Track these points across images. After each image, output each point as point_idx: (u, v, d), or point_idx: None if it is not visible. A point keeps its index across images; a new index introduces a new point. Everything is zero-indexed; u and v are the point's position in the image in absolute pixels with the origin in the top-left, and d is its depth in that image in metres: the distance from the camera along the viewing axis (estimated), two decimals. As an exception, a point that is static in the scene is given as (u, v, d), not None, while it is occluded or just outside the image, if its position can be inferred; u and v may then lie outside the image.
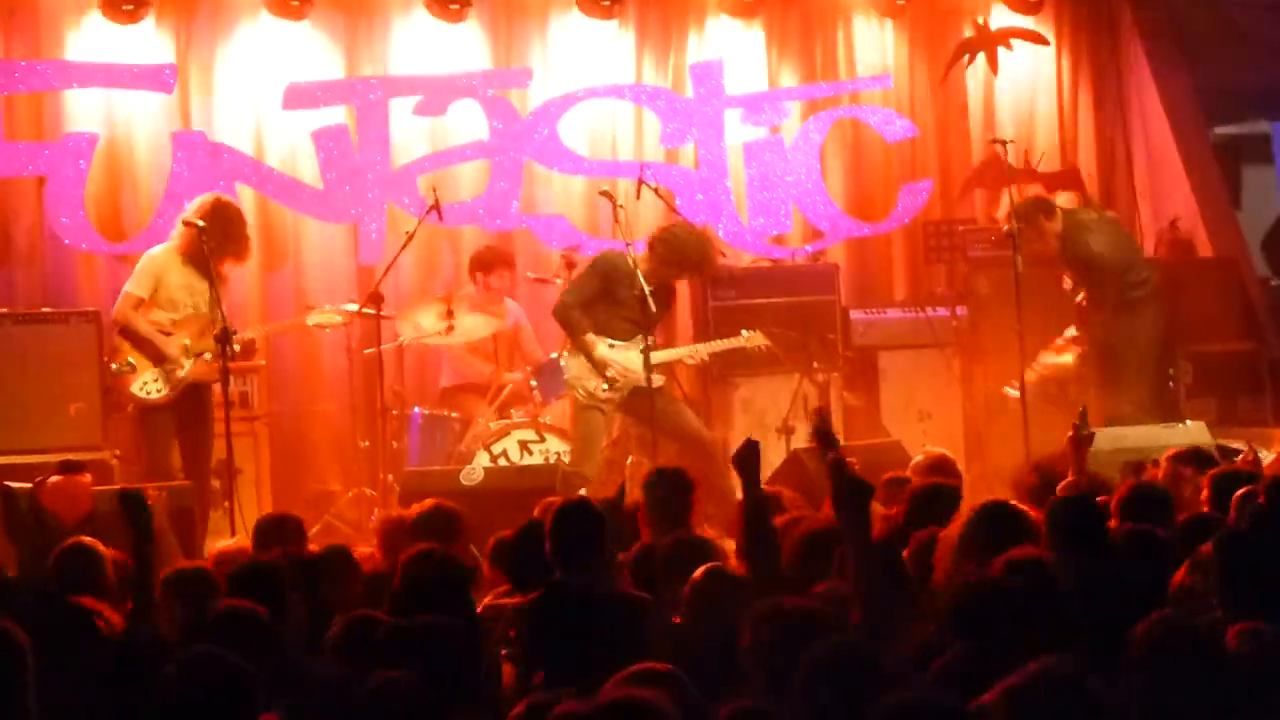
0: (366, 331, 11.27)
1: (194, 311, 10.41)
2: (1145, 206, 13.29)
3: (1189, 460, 8.21)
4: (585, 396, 10.66)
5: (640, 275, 10.28)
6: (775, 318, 11.60)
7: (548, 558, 6.30)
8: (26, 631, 5.02)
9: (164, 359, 10.37)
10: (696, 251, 10.79)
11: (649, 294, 10.24)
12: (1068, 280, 11.76)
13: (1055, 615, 5.43)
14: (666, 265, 10.71)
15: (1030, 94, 13.46)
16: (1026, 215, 11.35)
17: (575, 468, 10.44)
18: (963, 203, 13.26)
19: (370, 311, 11.02)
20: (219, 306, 10.12)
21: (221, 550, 7.76)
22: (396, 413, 11.39)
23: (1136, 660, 4.72)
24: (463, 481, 9.93)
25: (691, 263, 10.83)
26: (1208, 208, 12.94)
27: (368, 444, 11.42)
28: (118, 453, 10.92)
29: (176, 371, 10.37)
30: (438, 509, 7.65)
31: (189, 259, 10.42)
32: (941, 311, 12.33)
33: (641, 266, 10.45)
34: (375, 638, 5.42)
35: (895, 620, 5.71)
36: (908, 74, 13.31)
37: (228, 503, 10.24)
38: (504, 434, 11.00)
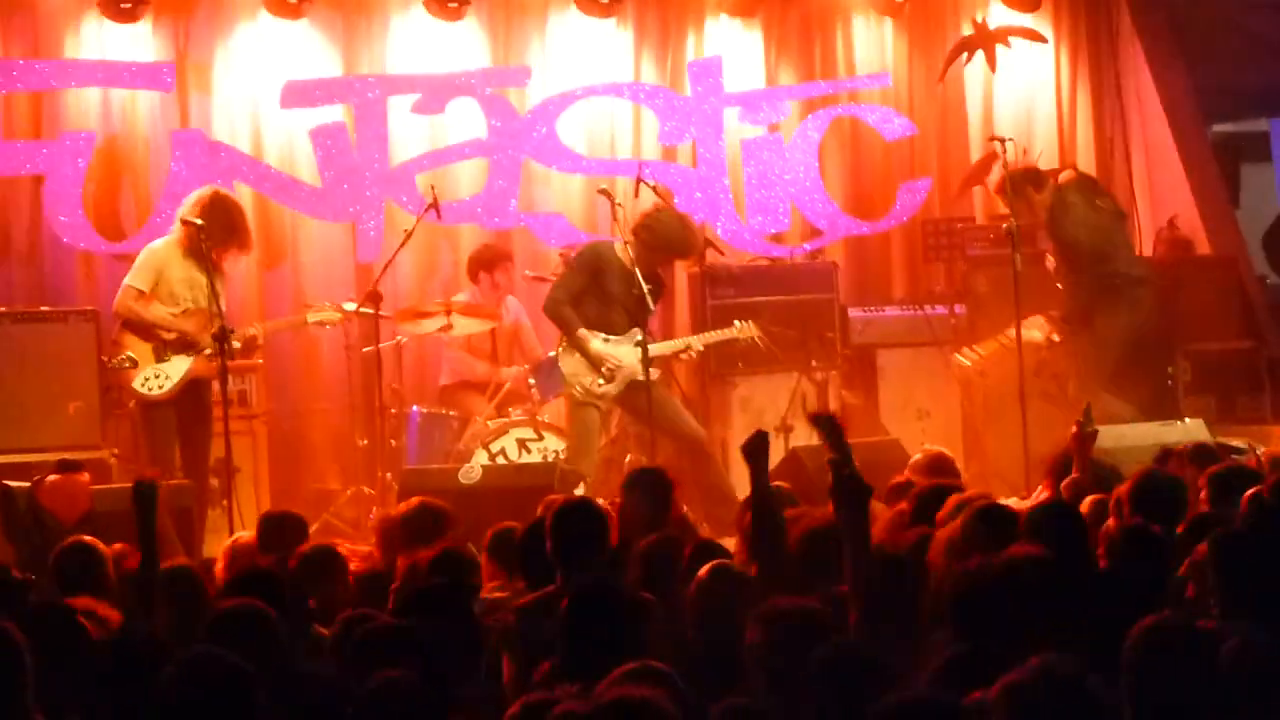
0: (365, 330, 11.27)
1: (194, 306, 10.40)
2: (1144, 204, 13.28)
3: (1194, 458, 8.20)
4: (582, 393, 10.64)
5: (638, 273, 10.26)
6: (774, 316, 11.61)
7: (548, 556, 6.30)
8: (24, 632, 5.02)
9: (167, 351, 10.35)
10: (678, 235, 10.68)
11: (646, 290, 10.21)
12: (1050, 259, 11.72)
13: (1055, 612, 5.42)
14: (651, 251, 10.62)
15: (1029, 92, 13.45)
16: (1016, 186, 11.34)
17: (572, 465, 10.43)
18: (961, 201, 13.25)
19: (369, 310, 11.02)
20: (217, 302, 10.11)
21: (237, 544, 7.72)
22: (395, 411, 11.38)
23: (1131, 660, 4.72)
24: (461, 480, 9.92)
25: (674, 247, 10.73)
26: (1206, 206, 12.93)
27: (366, 442, 11.41)
28: (116, 451, 10.92)
29: (179, 366, 10.35)
30: (424, 507, 7.64)
31: (189, 253, 10.40)
32: (940, 309, 12.34)
33: (636, 256, 10.41)
34: (375, 637, 5.41)
35: (895, 620, 5.71)
36: (906, 72, 13.30)
37: (226, 501, 10.24)
38: (502, 432, 10.99)
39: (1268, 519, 6.03)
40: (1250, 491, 6.93)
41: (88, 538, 7.14)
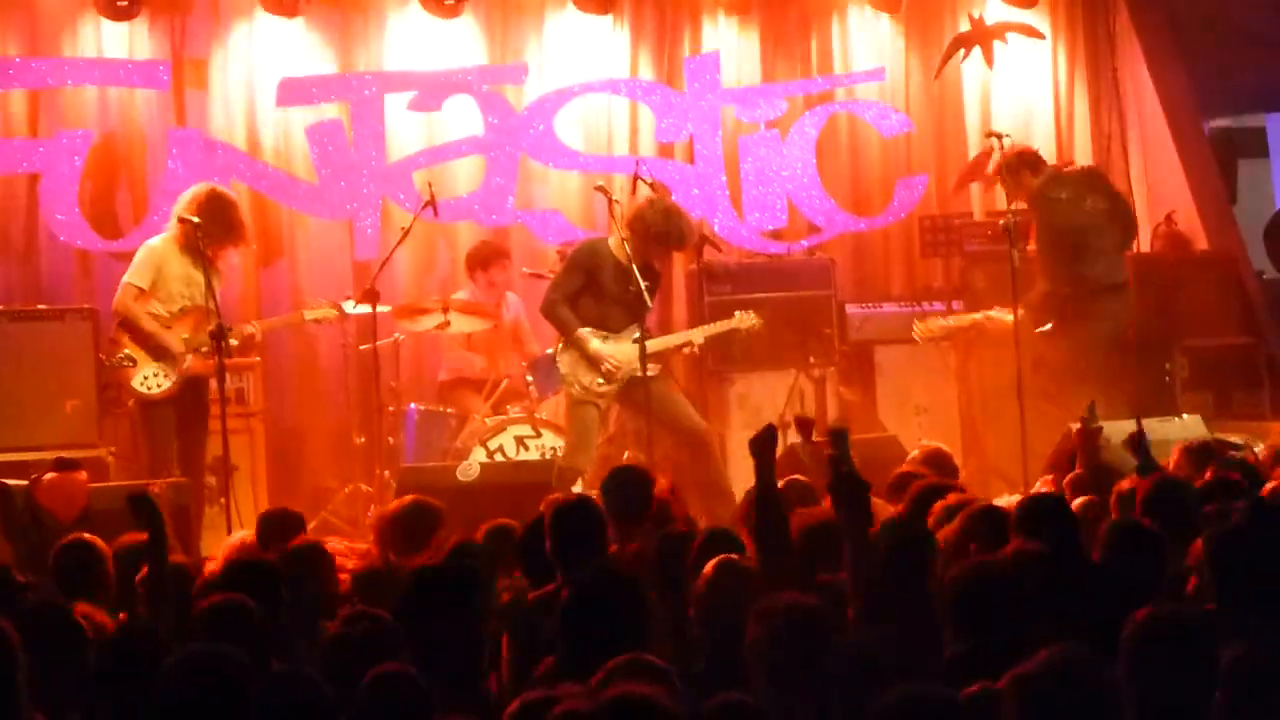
0: (362, 328, 11.26)
1: (191, 303, 10.38)
2: (1141, 200, 13.26)
3: (1197, 455, 8.18)
4: (581, 391, 10.59)
5: (635, 270, 10.22)
6: (771, 312, 11.56)
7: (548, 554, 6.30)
8: (22, 631, 5.01)
9: (165, 353, 10.34)
10: (671, 225, 10.56)
11: (645, 288, 10.19)
12: (1032, 244, 11.55)
13: (1052, 608, 5.42)
14: (645, 242, 10.53)
15: (1026, 88, 13.44)
16: (1013, 168, 11.28)
17: (570, 462, 10.41)
18: (958, 197, 13.25)
19: (366, 308, 11.01)
20: (213, 298, 10.10)
21: (234, 544, 7.70)
22: (393, 409, 11.38)
23: (1129, 651, 4.71)
24: (459, 477, 9.93)
25: (669, 237, 10.60)
26: (1204, 202, 12.93)
27: (364, 440, 11.41)
28: (113, 450, 10.92)
29: (178, 365, 10.35)
30: (416, 505, 7.63)
31: (186, 250, 10.39)
32: (938, 305, 12.32)
33: (629, 253, 10.36)
34: (375, 633, 5.40)
35: (894, 616, 5.71)
36: (903, 69, 13.30)
37: (224, 499, 10.23)
38: (500, 429, 10.98)
39: (1264, 517, 6.01)
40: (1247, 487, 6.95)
41: (87, 535, 7.13)
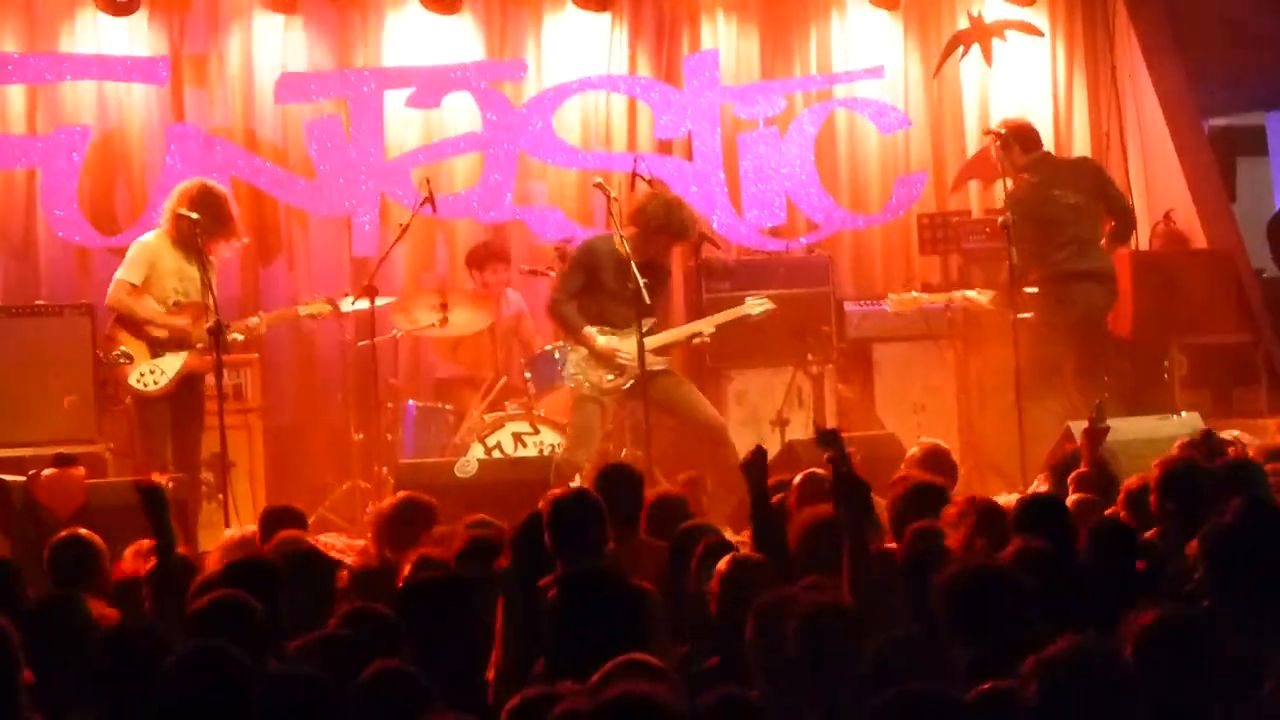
0: (360, 324, 11.25)
1: (185, 299, 10.38)
2: (1140, 198, 13.26)
3: (1198, 450, 8.16)
4: (591, 389, 10.58)
5: (634, 267, 10.20)
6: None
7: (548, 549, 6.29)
8: (21, 626, 5.01)
9: (161, 347, 10.33)
10: (673, 217, 10.54)
11: (642, 285, 10.16)
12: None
13: (1056, 607, 5.43)
14: (646, 236, 10.53)
15: (1025, 86, 13.43)
16: (1006, 141, 11.26)
17: (570, 456, 10.41)
18: (957, 194, 13.25)
19: (365, 303, 11.01)
20: (211, 294, 10.09)
21: (231, 539, 7.70)
22: (391, 405, 11.37)
23: (1136, 651, 4.72)
24: (457, 474, 9.94)
25: (670, 229, 10.58)
26: (1203, 199, 12.92)
27: (362, 436, 11.40)
28: (112, 446, 10.90)
29: (173, 360, 10.34)
30: (409, 501, 7.62)
31: (179, 245, 10.38)
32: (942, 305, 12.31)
33: (633, 249, 10.36)
34: (373, 630, 5.40)
35: (892, 614, 5.71)
36: (902, 66, 13.29)
37: (221, 495, 10.22)
38: (498, 426, 10.97)
39: (1258, 514, 6.02)
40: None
41: (83, 531, 7.13)
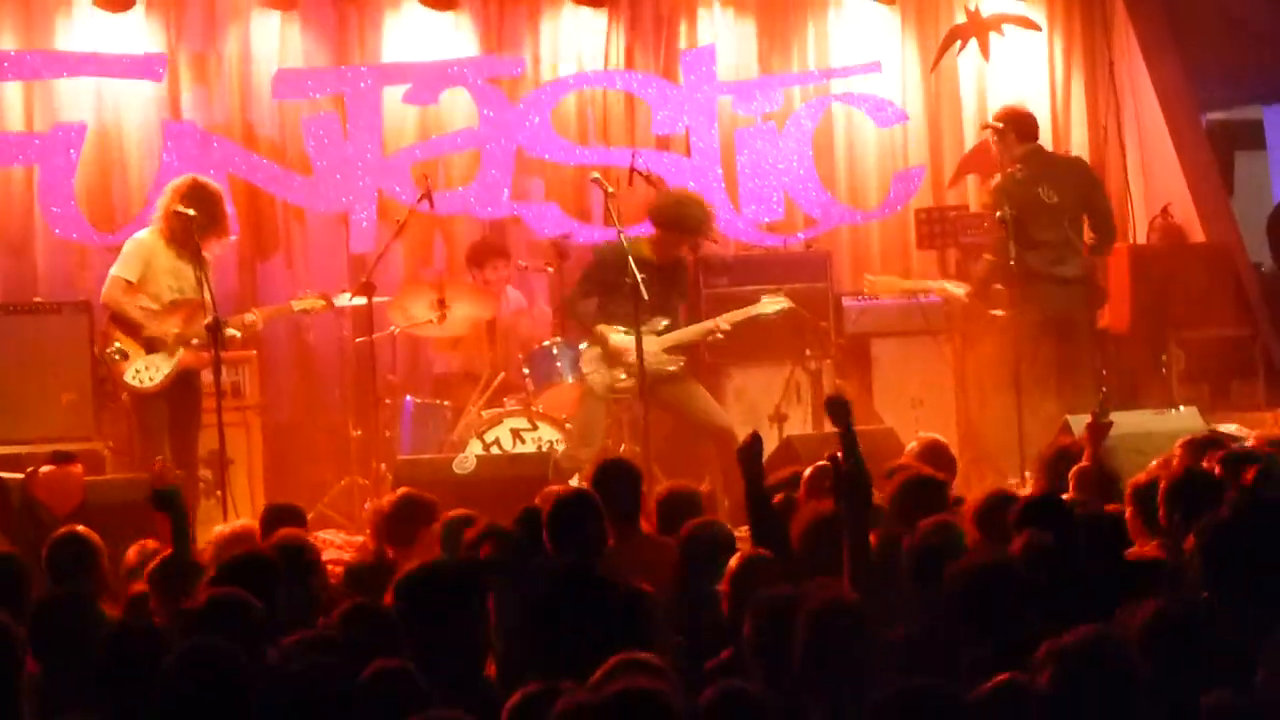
0: (358, 321, 11.25)
1: (181, 296, 10.37)
2: (1138, 192, 13.26)
3: (1200, 449, 8.16)
4: (603, 389, 10.58)
5: (632, 262, 10.18)
6: (767, 305, 11.59)
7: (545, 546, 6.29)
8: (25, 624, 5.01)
9: (156, 345, 10.33)
10: (685, 213, 10.56)
11: (641, 281, 10.14)
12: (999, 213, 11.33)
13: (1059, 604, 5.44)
14: (668, 232, 10.59)
15: (1022, 80, 13.39)
16: (1002, 131, 11.26)
17: (572, 453, 10.40)
18: (955, 189, 13.25)
19: (360, 299, 11.00)
20: (207, 290, 10.07)
21: (222, 534, 7.68)
22: (389, 401, 11.37)
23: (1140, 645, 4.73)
24: (455, 470, 9.93)
25: (683, 224, 10.58)
26: (1201, 193, 12.91)
27: (360, 433, 11.39)
28: (110, 443, 10.91)
29: (169, 357, 10.33)
30: (408, 498, 7.62)
31: (174, 243, 10.37)
32: (934, 298, 12.32)
33: (652, 248, 10.42)
34: (373, 627, 5.40)
35: (893, 610, 5.71)
36: (900, 61, 13.28)
37: (219, 492, 10.22)
38: (496, 422, 10.97)
39: (1253, 507, 6.02)
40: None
41: (81, 529, 7.13)
